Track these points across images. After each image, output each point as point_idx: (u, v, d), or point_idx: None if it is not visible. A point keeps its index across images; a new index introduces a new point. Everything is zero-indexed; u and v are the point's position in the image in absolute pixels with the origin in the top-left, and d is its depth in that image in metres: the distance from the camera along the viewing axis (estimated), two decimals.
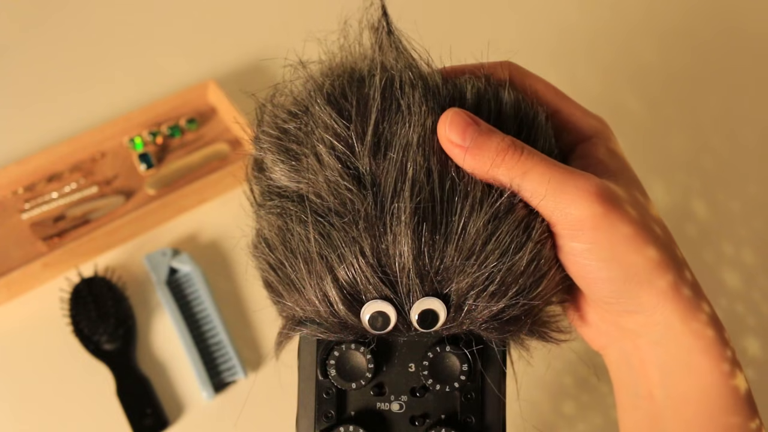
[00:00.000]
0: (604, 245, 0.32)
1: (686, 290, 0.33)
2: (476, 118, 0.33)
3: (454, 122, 0.32)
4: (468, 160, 0.32)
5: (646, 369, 0.34)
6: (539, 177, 0.32)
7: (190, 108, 0.78)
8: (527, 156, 0.32)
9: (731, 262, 0.70)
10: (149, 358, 0.63)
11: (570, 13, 0.90)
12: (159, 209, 0.69)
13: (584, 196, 0.31)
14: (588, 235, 0.32)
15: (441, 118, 0.33)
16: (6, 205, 0.70)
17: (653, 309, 0.33)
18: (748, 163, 0.78)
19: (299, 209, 0.33)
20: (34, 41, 0.85)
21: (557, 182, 0.32)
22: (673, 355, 0.33)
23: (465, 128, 0.32)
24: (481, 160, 0.32)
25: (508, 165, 0.32)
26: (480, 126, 0.33)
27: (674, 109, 0.82)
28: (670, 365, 0.34)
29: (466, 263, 0.31)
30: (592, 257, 0.32)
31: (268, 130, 0.35)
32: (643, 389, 0.35)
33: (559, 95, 0.38)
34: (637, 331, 0.34)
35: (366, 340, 0.34)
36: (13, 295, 0.65)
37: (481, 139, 0.32)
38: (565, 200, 0.32)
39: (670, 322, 0.33)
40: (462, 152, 0.32)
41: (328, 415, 0.35)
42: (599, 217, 0.31)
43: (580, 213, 0.31)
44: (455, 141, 0.32)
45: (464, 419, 0.35)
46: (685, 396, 0.34)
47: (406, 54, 0.35)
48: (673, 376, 0.34)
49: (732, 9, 0.93)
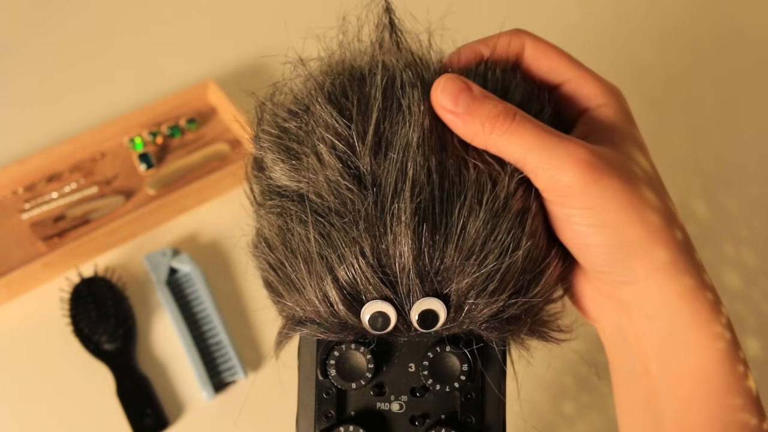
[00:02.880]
0: (595, 210, 0.32)
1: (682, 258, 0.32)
2: (470, 83, 0.33)
3: (446, 88, 0.32)
4: (459, 126, 0.32)
5: (642, 344, 0.34)
6: (529, 142, 0.32)
7: (190, 108, 0.78)
8: (519, 122, 0.32)
9: (731, 262, 0.70)
10: (149, 358, 0.63)
11: (570, 13, 0.90)
12: (159, 209, 0.69)
13: (574, 163, 0.31)
14: (578, 200, 0.32)
15: (434, 84, 0.33)
16: (6, 205, 0.70)
17: (647, 280, 0.32)
18: (748, 163, 0.78)
19: (299, 209, 0.33)
20: (35, 41, 0.85)
21: (548, 148, 0.31)
22: (669, 329, 0.33)
23: (458, 94, 0.32)
24: (473, 126, 0.32)
25: (499, 131, 0.32)
26: (473, 91, 0.32)
27: (674, 110, 0.82)
28: (665, 340, 0.33)
29: (466, 263, 0.31)
30: (584, 222, 0.32)
31: (268, 128, 0.35)
32: (639, 365, 0.34)
33: (572, 63, 0.37)
34: (631, 304, 0.33)
35: (366, 340, 0.34)
36: (13, 295, 0.65)
37: (474, 104, 0.32)
38: (555, 166, 0.31)
39: (665, 294, 0.32)
40: (454, 117, 0.32)
41: (328, 415, 0.35)
42: (590, 183, 0.31)
43: (569, 179, 0.31)
44: (447, 107, 0.32)
45: (464, 419, 0.35)
46: (681, 373, 0.33)
47: (407, 52, 0.35)
48: (669, 352, 0.33)
49: (732, 10, 0.93)
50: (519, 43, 0.37)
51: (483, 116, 0.32)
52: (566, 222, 0.33)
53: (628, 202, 0.31)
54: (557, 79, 0.37)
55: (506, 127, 0.32)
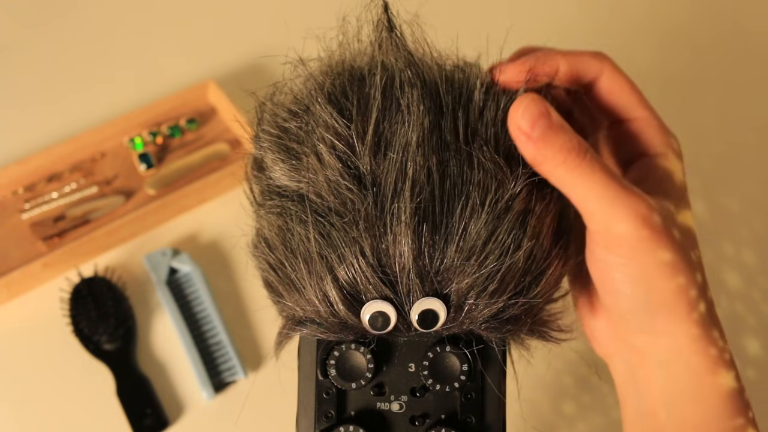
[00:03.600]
0: (638, 264, 0.32)
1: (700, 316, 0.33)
2: (551, 109, 0.32)
3: (528, 109, 0.32)
4: (530, 150, 0.32)
5: (651, 388, 0.34)
6: (595, 185, 0.31)
7: (190, 108, 0.78)
8: (589, 161, 0.32)
9: (731, 262, 0.70)
10: (149, 358, 0.63)
11: (570, 13, 0.90)
12: (159, 209, 0.69)
13: (633, 216, 0.31)
14: (625, 251, 0.31)
15: (516, 102, 0.32)
16: (6, 205, 0.70)
17: (665, 333, 0.33)
18: (748, 163, 0.78)
19: (299, 209, 0.33)
20: (35, 41, 0.85)
21: (611, 195, 0.31)
22: (678, 379, 0.33)
23: (537, 118, 0.32)
24: (543, 155, 0.32)
25: (568, 166, 0.31)
26: (551, 119, 0.32)
27: (674, 110, 0.82)
28: (674, 389, 0.33)
29: (467, 263, 0.31)
30: (622, 270, 0.32)
31: (268, 128, 0.35)
32: (647, 405, 0.35)
33: (644, 103, 0.37)
34: (644, 350, 0.34)
35: (366, 340, 0.34)
36: (13, 295, 0.65)
37: (549, 132, 0.32)
38: (614, 215, 0.31)
39: (679, 347, 0.33)
40: (527, 140, 0.32)
41: (328, 415, 0.35)
42: (643, 239, 0.31)
43: (624, 231, 0.31)
44: (524, 128, 0.32)
45: (464, 419, 0.35)
46: (687, 422, 0.33)
47: (406, 52, 0.35)
48: (677, 400, 0.34)
49: (732, 9, 0.93)
50: (599, 68, 0.36)
51: (556, 147, 0.32)
52: (605, 265, 0.33)
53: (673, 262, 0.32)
54: (625, 114, 0.37)
55: (576, 164, 0.31)
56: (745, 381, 0.34)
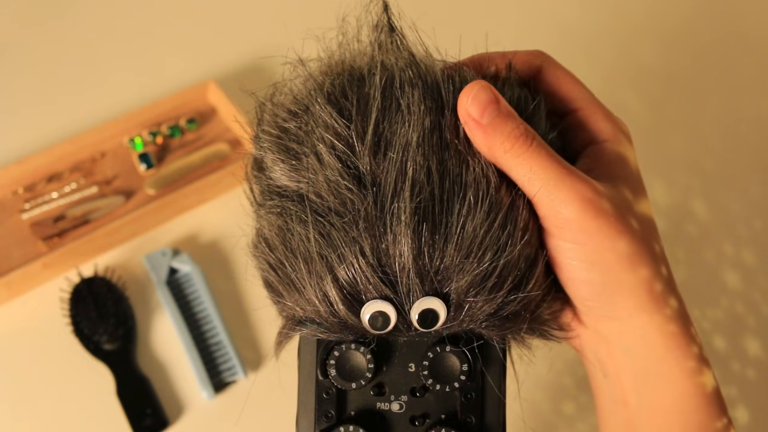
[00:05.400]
0: (588, 247, 0.32)
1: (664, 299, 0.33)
2: (499, 96, 0.33)
3: (477, 97, 0.32)
4: (479, 137, 0.32)
5: (620, 377, 0.35)
6: (540, 170, 0.32)
7: (190, 108, 0.78)
8: (535, 148, 0.32)
9: (731, 262, 0.70)
10: (149, 358, 0.63)
11: (570, 13, 0.90)
12: (159, 209, 0.69)
13: (577, 198, 0.32)
14: (574, 234, 0.32)
15: (465, 89, 0.33)
16: (6, 205, 0.70)
17: (628, 317, 0.33)
18: (748, 163, 0.78)
19: (299, 209, 0.33)
20: (35, 41, 0.85)
21: (556, 179, 0.32)
22: (645, 364, 0.34)
23: (486, 105, 0.32)
24: (491, 141, 0.32)
25: (515, 152, 0.32)
26: (500, 105, 0.33)
27: (674, 109, 0.82)
28: (642, 375, 0.34)
29: (466, 261, 0.31)
30: (575, 257, 0.33)
31: (268, 129, 0.35)
32: (618, 395, 0.35)
33: (586, 94, 0.37)
34: (610, 338, 0.35)
35: (366, 340, 0.34)
36: (13, 295, 0.65)
37: (498, 119, 0.32)
38: (559, 198, 0.32)
39: (644, 332, 0.33)
40: (476, 127, 0.32)
41: (328, 415, 0.35)
42: (588, 219, 0.32)
43: (570, 213, 0.32)
44: (473, 115, 0.32)
45: (464, 419, 0.35)
46: (657, 407, 0.34)
47: (406, 52, 0.35)
48: (646, 386, 0.34)
49: (732, 10, 0.93)
50: (537, 64, 0.37)
51: (504, 133, 0.32)
52: (558, 254, 0.33)
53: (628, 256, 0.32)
54: (568, 106, 0.37)
55: (522, 151, 0.32)
56: (745, 381, 0.34)
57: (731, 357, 0.65)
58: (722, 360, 0.64)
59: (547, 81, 0.37)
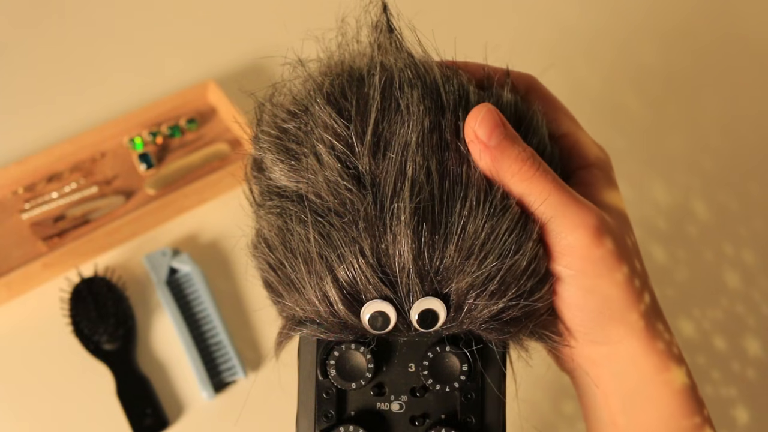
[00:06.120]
0: (587, 275, 0.33)
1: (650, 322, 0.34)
2: (505, 121, 0.33)
3: (485, 119, 0.32)
4: (485, 160, 0.32)
5: (608, 399, 0.35)
6: (546, 196, 0.32)
7: (190, 108, 0.78)
8: (541, 173, 0.33)
9: (731, 262, 0.70)
10: (149, 358, 0.63)
11: (570, 14, 0.90)
12: (159, 209, 0.69)
13: (582, 226, 0.32)
14: (575, 262, 0.32)
15: (473, 111, 0.33)
16: (6, 205, 0.70)
17: (617, 343, 0.34)
18: (748, 163, 0.78)
19: (299, 209, 0.33)
20: (34, 41, 0.85)
21: (562, 206, 0.32)
22: (632, 386, 0.34)
23: (494, 128, 0.32)
24: (498, 164, 0.32)
25: (521, 176, 0.32)
26: (506, 130, 0.33)
27: (674, 109, 0.82)
28: (629, 396, 0.35)
29: (466, 263, 0.31)
30: (574, 284, 0.33)
31: (268, 129, 0.35)
32: (607, 417, 0.36)
33: (570, 119, 0.38)
34: (598, 362, 0.35)
35: (366, 340, 0.34)
36: (13, 295, 0.65)
37: (504, 143, 0.32)
38: (564, 225, 0.32)
39: (632, 353, 0.34)
40: (483, 150, 0.32)
41: (328, 415, 0.35)
42: (593, 248, 0.32)
43: (574, 241, 0.32)
44: (480, 137, 0.32)
45: (464, 419, 0.35)
46: (645, 424, 0.35)
47: (406, 53, 0.35)
48: (633, 407, 0.35)
49: (732, 10, 0.93)
50: (524, 87, 0.38)
51: (512, 157, 0.32)
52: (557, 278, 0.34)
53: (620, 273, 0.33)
54: (554, 131, 0.38)
55: (529, 175, 0.32)
56: (745, 381, 0.34)
57: (731, 357, 0.65)
58: (722, 360, 0.64)
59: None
